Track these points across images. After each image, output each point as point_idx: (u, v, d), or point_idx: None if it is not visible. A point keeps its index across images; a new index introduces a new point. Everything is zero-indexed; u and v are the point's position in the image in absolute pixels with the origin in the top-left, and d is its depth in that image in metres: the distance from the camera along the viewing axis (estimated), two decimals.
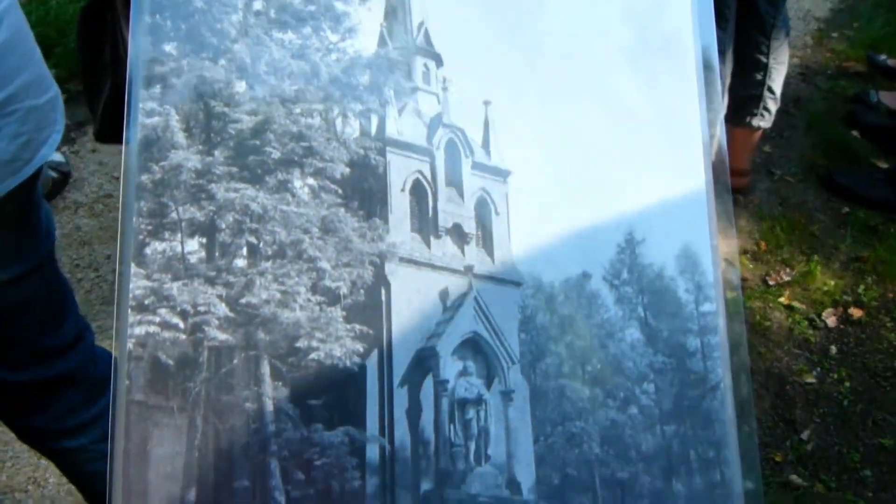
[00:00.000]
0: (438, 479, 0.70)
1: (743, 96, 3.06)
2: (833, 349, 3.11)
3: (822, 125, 4.11)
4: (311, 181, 0.73)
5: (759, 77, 2.98)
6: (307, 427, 0.69)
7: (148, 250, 0.70)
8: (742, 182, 3.65)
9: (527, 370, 0.73)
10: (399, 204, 0.75)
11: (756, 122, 3.12)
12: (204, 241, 0.71)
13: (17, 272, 1.66)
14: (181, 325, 0.70)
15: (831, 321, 3.21)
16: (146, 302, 0.69)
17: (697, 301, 0.73)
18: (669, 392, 0.72)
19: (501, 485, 0.71)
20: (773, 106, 3.12)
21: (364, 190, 0.74)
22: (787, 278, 3.36)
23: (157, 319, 0.70)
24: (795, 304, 3.27)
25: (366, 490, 0.69)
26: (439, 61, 0.77)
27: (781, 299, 3.29)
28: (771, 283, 3.35)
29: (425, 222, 0.75)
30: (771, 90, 3.06)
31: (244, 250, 0.72)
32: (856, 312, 3.23)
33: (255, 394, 0.70)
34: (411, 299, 0.72)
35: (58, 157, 3.43)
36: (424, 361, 0.72)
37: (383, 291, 0.72)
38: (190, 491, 0.68)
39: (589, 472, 0.70)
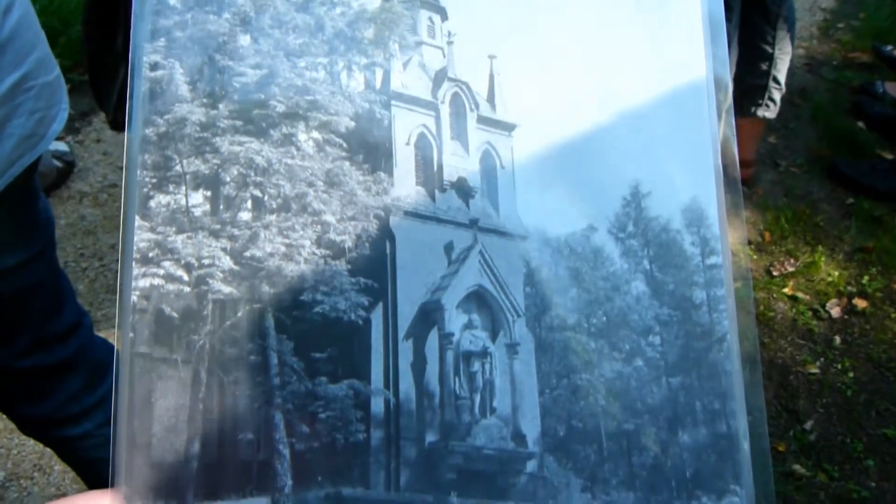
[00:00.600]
0: (443, 432, 0.70)
1: (748, 86, 3.06)
2: (837, 340, 3.11)
3: (828, 116, 4.11)
4: (315, 134, 0.72)
5: (764, 67, 2.97)
6: (312, 380, 0.69)
7: (152, 203, 0.70)
8: (747, 173, 3.65)
9: (532, 323, 0.72)
10: (404, 157, 0.74)
11: (761, 112, 3.12)
12: (208, 194, 0.71)
13: (22, 257, 1.67)
14: (185, 277, 0.69)
15: (835, 312, 3.21)
16: (150, 255, 0.69)
17: (703, 254, 0.73)
18: (675, 344, 0.72)
19: (507, 437, 0.70)
20: (778, 96, 3.12)
21: (369, 143, 0.73)
22: (791, 269, 3.37)
23: (162, 272, 0.69)
24: (799, 294, 3.27)
25: (370, 442, 0.69)
26: (444, 15, 0.76)
27: (785, 290, 3.29)
28: (775, 273, 3.35)
29: (430, 176, 0.74)
30: (776, 80, 3.06)
31: (249, 203, 0.71)
32: (860, 303, 3.23)
33: (259, 347, 0.69)
34: (416, 252, 0.72)
35: (62, 146, 3.44)
36: (429, 314, 0.72)
37: (388, 245, 0.72)
38: (194, 443, 0.68)
39: (594, 423, 0.70)
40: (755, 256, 3.44)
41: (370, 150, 0.73)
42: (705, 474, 0.69)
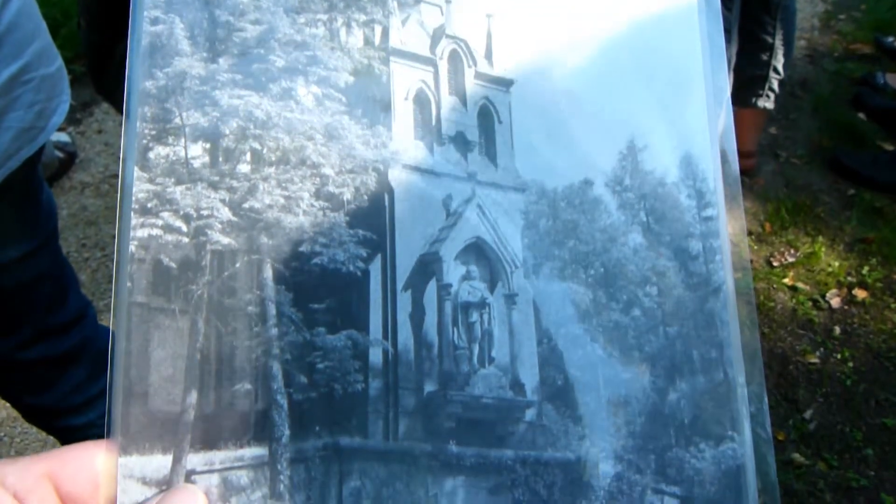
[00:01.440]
0: (442, 381, 0.69)
1: (749, 77, 3.06)
2: (837, 330, 3.11)
3: (829, 107, 4.11)
4: (314, 89, 0.72)
5: (764, 58, 2.97)
6: (310, 331, 0.69)
7: (151, 154, 0.69)
8: (748, 164, 3.65)
9: (530, 274, 0.71)
10: (402, 112, 0.73)
11: (762, 102, 3.12)
12: (207, 146, 0.70)
13: (25, 249, 1.66)
14: (184, 228, 0.69)
15: (835, 302, 3.21)
16: (149, 205, 0.69)
17: (699, 206, 0.72)
18: (672, 294, 0.71)
19: (505, 386, 0.70)
20: (777, 86, 3.12)
21: (367, 98, 0.73)
22: (791, 259, 3.36)
23: (160, 223, 0.69)
24: (800, 285, 3.27)
25: (369, 392, 0.68)
26: None
27: (786, 280, 3.29)
28: (775, 264, 3.34)
29: (428, 130, 0.74)
30: (776, 70, 3.05)
31: (248, 156, 0.70)
32: (860, 293, 3.22)
33: (257, 297, 0.69)
34: (414, 205, 0.71)
35: (64, 137, 3.44)
36: (427, 266, 0.71)
37: (386, 197, 0.71)
38: (191, 393, 0.68)
39: (593, 373, 0.70)
40: (755, 247, 3.44)
41: (369, 105, 0.73)
42: (703, 421, 0.69)
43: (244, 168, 0.70)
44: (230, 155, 0.71)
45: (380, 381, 0.69)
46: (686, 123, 0.74)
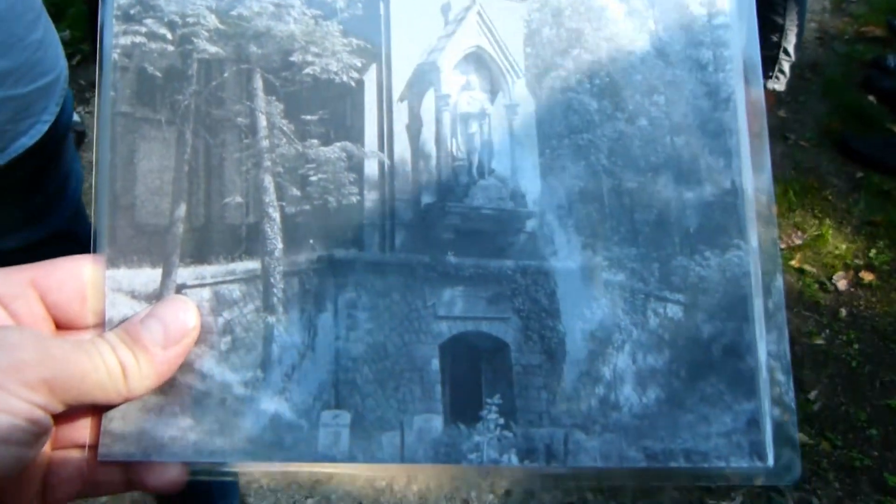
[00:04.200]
0: (440, 193, 0.67)
1: None
2: (843, 312, 3.12)
3: (838, 90, 4.13)
4: None
5: (774, 38, 3.00)
6: (302, 142, 0.67)
7: None
8: None
9: (532, 84, 0.69)
10: None
11: (771, 84, 3.15)
12: None
13: (28, 240, 1.63)
14: (169, 36, 0.67)
15: (842, 284, 3.22)
16: (132, 12, 0.67)
17: (711, 14, 0.72)
18: (680, 104, 0.70)
19: (505, 197, 0.69)
20: (787, 67, 3.16)
21: None
22: (798, 242, 3.37)
23: (144, 30, 0.67)
24: (806, 267, 3.28)
25: (364, 204, 0.67)
26: None
27: (793, 262, 3.30)
28: (782, 246, 3.35)
29: None
30: (786, 51, 3.09)
31: None
32: (867, 276, 3.24)
33: (247, 108, 0.68)
34: (411, 13, 0.68)
35: (73, 116, 3.42)
36: (425, 76, 0.69)
37: (381, 5, 0.68)
38: (179, 206, 0.67)
39: (596, 182, 0.69)
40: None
41: None
42: (709, 229, 0.68)
43: None
44: None
45: (375, 193, 0.68)
46: None
